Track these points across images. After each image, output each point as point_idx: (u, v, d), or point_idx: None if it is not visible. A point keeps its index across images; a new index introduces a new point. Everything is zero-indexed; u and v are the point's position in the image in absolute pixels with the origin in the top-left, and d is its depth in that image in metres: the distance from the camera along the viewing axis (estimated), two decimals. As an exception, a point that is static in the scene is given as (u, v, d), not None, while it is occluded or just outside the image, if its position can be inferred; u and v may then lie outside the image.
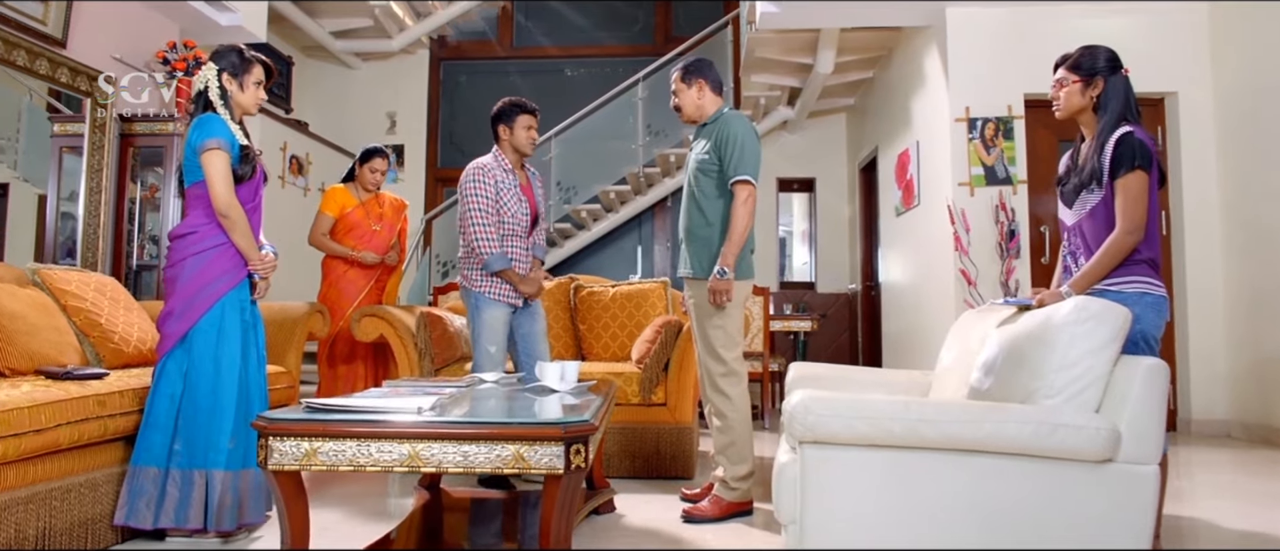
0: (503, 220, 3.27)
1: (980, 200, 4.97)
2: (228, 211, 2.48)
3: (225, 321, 2.49)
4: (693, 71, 3.05)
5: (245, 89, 2.64)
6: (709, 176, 2.95)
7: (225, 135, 2.50)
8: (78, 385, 2.43)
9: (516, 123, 3.34)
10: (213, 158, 2.46)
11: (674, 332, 3.66)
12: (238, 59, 2.63)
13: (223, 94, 2.59)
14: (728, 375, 2.88)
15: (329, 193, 4.15)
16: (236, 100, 2.63)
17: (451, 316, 3.94)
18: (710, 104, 3.06)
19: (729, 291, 2.81)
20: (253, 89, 2.66)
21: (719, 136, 2.93)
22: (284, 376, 3.44)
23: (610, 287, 4.28)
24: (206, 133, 2.48)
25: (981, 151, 4.99)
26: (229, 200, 2.48)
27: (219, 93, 2.58)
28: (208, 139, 2.47)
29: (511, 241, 3.29)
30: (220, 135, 2.48)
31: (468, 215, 3.25)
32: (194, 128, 2.51)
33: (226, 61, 2.61)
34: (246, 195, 2.58)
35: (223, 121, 2.54)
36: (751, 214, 2.85)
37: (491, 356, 3.27)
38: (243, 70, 2.63)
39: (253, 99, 2.67)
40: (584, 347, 4.21)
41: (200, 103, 2.58)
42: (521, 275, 3.29)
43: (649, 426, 3.58)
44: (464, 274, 3.36)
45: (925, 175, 5.62)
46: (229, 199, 2.48)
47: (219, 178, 2.46)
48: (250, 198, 2.60)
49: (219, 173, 2.46)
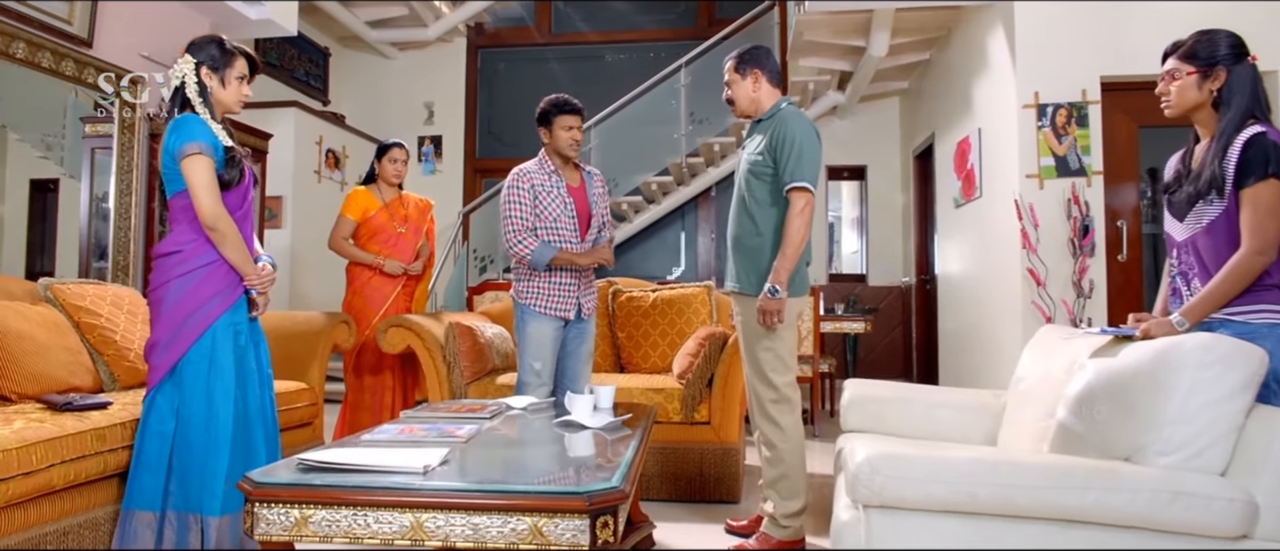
0: (544, 224, 3.05)
1: (1050, 193, 4.59)
2: (215, 223, 2.25)
3: (216, 350, 2.27)
4: (748, 61, 2.76)
5: (227, 84, 2.40)
6: (761, 180, 2.66)
7: (206, 138, 2.26)
8: (76, 418, 2.26)
9: (556, 124, 3.10)
10: (194, 164, 2.23)
11: (718, 345, 3.40)
12: (218, 51, 2.38)
13: (202, 90, 2.35)
14: (779, 402, 2.61)
15: (351, 195, 3.96)
16: (217, 97, 2.39)
17: (482, 325, 3.73)
18: (767, 97, 2.76)
19: (780, 312, 2.54)
20: (235, 84, 2.42)
21: (774, 135, 2.64)
22: (306, 393, 3.27)
23: (650, 292, 4.03)
24: (185, 136, 2.24)
25: (1052, 140, 4.60)
26: (215, 211, 2.25)
27: (197, 89, 2.34)
28: (187, 143, 2.23)
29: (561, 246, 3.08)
30: (200, 138, 2.24)
31: (505, 218, 3.06)
32: (171, 131, 2.27)
33: (205, 54, 2.37)
34: (234, 202, 2.35)
35: (202, 122, 2.30)
36: (808, 225, 2.57)
37: (536, 373, 3.05)
38: (224, 64, 2.39)
39: (236, 96, 2.43)
40: (623, 357, 3.98)
41: (177, 101, 2.35)
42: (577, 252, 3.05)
43: (691, 446, 3.34)
44: (513, 285, 3.16)
45: (988, 165, 5.24)
46: (215, 209, 2.25)
47: (202, 186, 2.23)
48: (239, 204, 2.37)
49: (202, 181, 2.23)
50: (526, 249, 2.99)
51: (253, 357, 2.40)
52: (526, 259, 3.01)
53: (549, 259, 2.99)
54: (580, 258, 3.04)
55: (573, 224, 3.10)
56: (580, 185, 3.20)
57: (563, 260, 3.02)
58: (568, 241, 3.07)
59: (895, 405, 2.87)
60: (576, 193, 3.16)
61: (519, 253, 3.01)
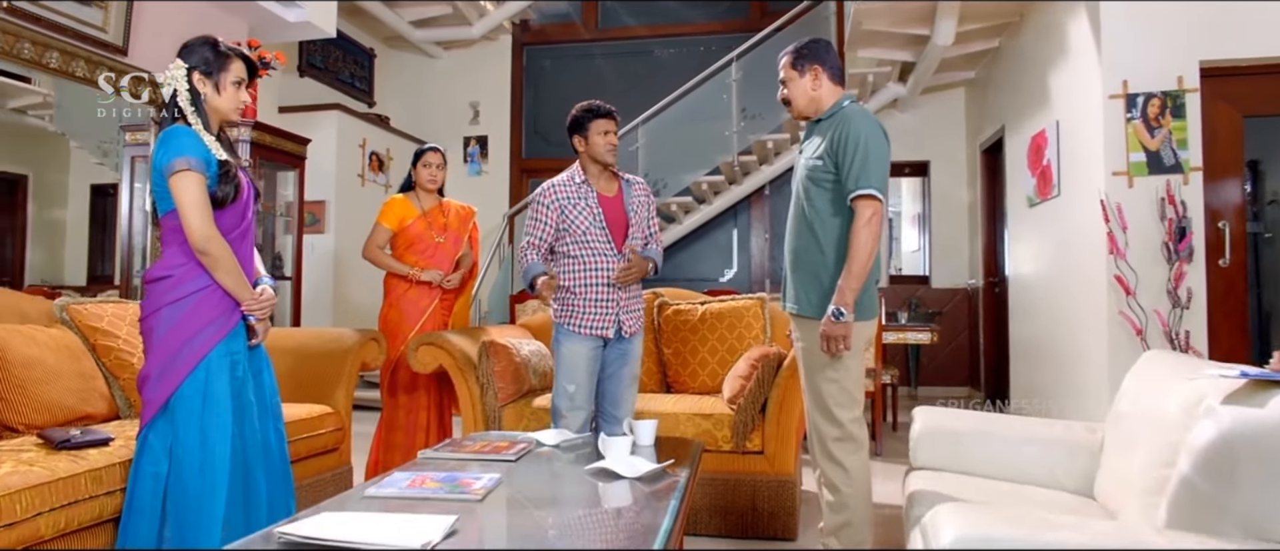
0: (573, 238, 2.85)
1: (1141, 192, 4.16)
2: (206, 246, 2.05)
3: (211, 383, 2.07)
4: (807, 56, 2.48)
5: (222, 90, 2.19)
6: (822, 187, 2.37)
7: (196, 152, 2.06)
8: (71, 458, 2.09)
9: (591, 130, 2.88)
10: (183, 181, 2.03)
11: (772, 367, 3.10)
12: (211, 54, 2.18)
13: (195, 98, 2.15)
14: (844, 440, 2.32)
15: (387, 203, 3.77)
16: (212, 105, 2.19)
17: (519, 343, 3.50)
18: (827, 95, 2.48)
19: (847, 339, 2.24)
20: (231, 90, 2.21)
21: (836, 136, 2.34)
22: (330, 418, 3.08)
23: (700, 305, 3.74)
24: (173, 150, 2.04)
25: (1143, 133, 4.16)
26: (206, 233, 2.05)
27: (190, 97, 2.14)
28: (175, 158, 2.03)
29: (593, 260, 2.86)
30: (190, 152, 2.05)
31: (523, 231, 2.94)
32: (159, 144, 2.08)
33: (197, 58, 2.16)
34: (231, 221, 2.15)
35: (193, 134, 2.10)
36: (876, 239, 2.26)
37: (569, 397, 2.84)
38: (218, 68, 2.18)
39: (232, 102, 2.23)
40: (670, 375, 3.71)
41: (170, 110, 2.15)
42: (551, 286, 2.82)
43: (743, 478, 3.05)
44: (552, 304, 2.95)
45: (1068, 161, 4.81)
46: (206, 231, 2.05)
47: (192, 206, 2.03)
48: (236, 222, 2.17)
49: (192, 200, 2.03)
50: (526, 261, 2.91)
51: (252, 388, 2.20)
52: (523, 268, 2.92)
53: (528, 278, 2.87)
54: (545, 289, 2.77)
55: (604, 235, 2.87)
56: (616, 194, 2.97)
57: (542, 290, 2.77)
58: (599, 254, 2.86)
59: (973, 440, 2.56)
60: (610, 202, 2.93)
61: (522, 264, 2.93)
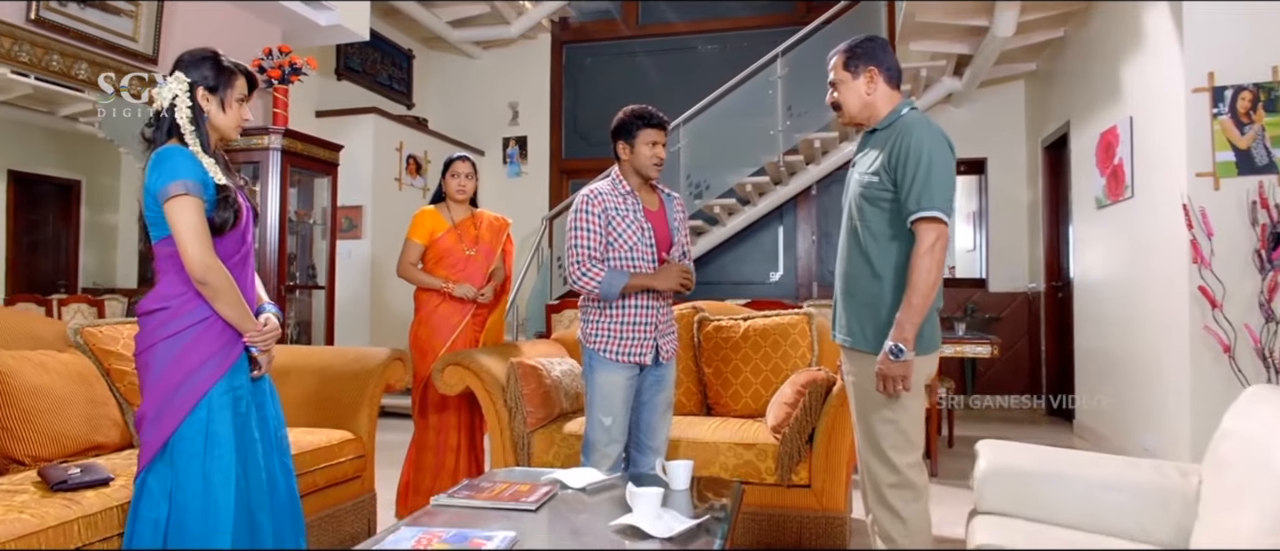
0: (618, 253, 2.64)
1: (1228, 194, 3.81)
2: (206, 276, 1.89)
3: (213, 423, 1.92)
4: (861, 56, 2.22)
5: (227, 108, 2.04)
6: (878, 207, 2.13)
7: (193, 174, 1.91)
8: (66, 501, 1.96)
9: (639, 137, 2.66)
10: (179, 207, 1.87)
11: (820, 393, 2.87)
12: (214, 70, 2.02)
13: (196, 115, 1.99)
14: (900, 487, 2.08)
15: (417, 216, 3.61)
16: (214, 123, 2.03)
17: (550, 363, 3.31)
18: (883, 101, 2.22)
19: (906, 379, 2.00)
20: (236, 107, 2.06)
21: (895, 149, 2.10)
22: (351, 445, 2.93)
23: (742, 321, 3.51)
24: (168, 174, 1.89)
25: (1232, 130, 3.81)
26: (205, 262, 1.89)
27: (190, 115, 1.98)
28: (170, 182, 1.88)
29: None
30: (186, 175, 1.89)
31: (569, 247, 2.65)
32: (151, 166, 1.92)
33: (199, 73, 2.00)
34: (231, 246, 2.00)
35: (188, 156, 1.94)
36: (940, 265, 2.02)
37: (606, 430, 2.63)
38: (223, 84, 2.03)
39: (235, 120, 2.07)
40: (710, 396, 3.49)
41: (163, 127, 1.99)
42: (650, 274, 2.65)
43: (789, 513, 2.82)
44: (580, 327, 2.75)
45: (1142, 159, 4.46)
46: (206, 260, 1.89)
47: (189, 233, 1.88)
48: (236, 248, 2.02)
49: (189, 226, 1.88)
50: (593, 280, 2.58)
51: (256, 423, 2.04)
52: (594, 291, 2.59)
53: (621, 287, 2.58)
54: (657, 279, 2.61)
55: (651, 253, 2.67)
56: (659, 208, 2.77)
57: (638, 285, 2.60)
58: (645, 270, 2.66)
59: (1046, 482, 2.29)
60: (655, 217, 2.72)
61: (585, 285, 2.60)
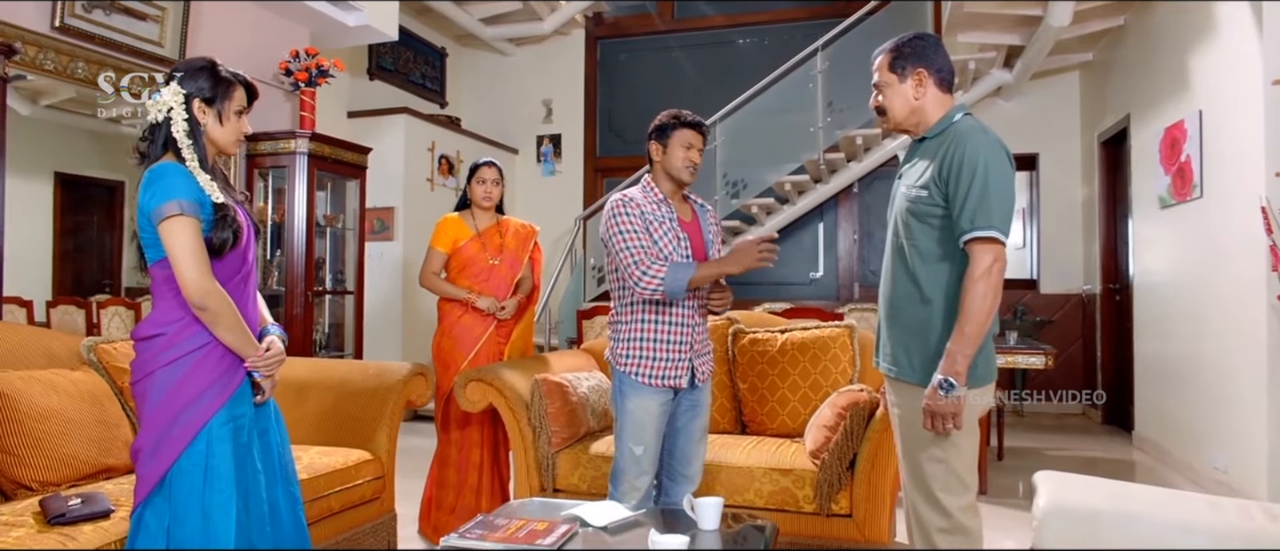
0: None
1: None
2: (204, 301, 1.78)
3: (213, 455, 1.80)
4: (909, 56, 2.01)
5: (225, 120, 1.92)
6: (927, 224, 1.94)
7: (188, 193, 1.79)
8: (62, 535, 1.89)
9: (672, 140, 2.48)
10: (174, 229, 1.76)
11: (862, 417, 2.68)
12: (211, 81, 1.90)
13: (193, 129, 1.87)
14: (951, 533, 1.89)
15: (440, 224, 3.49)
16: (211, 136, 1.91)
17: (577, 378, 3.17)
18: (933, 106, 2.01)
19: (957, 416, 1.81)
20: (234, 121, 1.94)
21: (947, 159, 1.90)
22: (369, 466, 2.82)
23: (779, 333, 3.33)
24: (162, 193, 1.77)
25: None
26: (203, 286, 1.78)
27: (187, 128, 1.86)
28: (164, 202, 1.76)
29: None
30: (180, 195, 1.78)
31: (618, 252, 2.41)
32: (145, 184, 1.81)
33: (195, 84, 1.88)
34: (231, 267, 1.88)
35: (183, 173, 1.82)
36: (997, 291, 1.82)
37: (636, 460, 2.46)
38: (221, 96, 1.91)
39: (233, 134, 1.95)
40: (745, 413, 3.31)
41: (158, 141, 1.87)
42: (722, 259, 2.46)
43: (828, 546, 2.64)
44: (609, 347, 2.57)
45: (1214, 157, 4.17)
46: (204, 284, 1.78)
47: (186, 255, 1.76)
48: (236, 269, 1.90)
49: (185, 248, 1.76)
50: (656, 278, 2.33)
51: (258, 452, 1.92)
52: (660, 290, 2.34)
53: (688, 280, 2.34)
54: (729, 262, 2.39)
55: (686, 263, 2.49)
56: (693, 218, 2.59)
57: (708, 275, 2.38)
58: None
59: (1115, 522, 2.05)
60: (690, 227, 2.55)
61: (648, 285, 2.34)
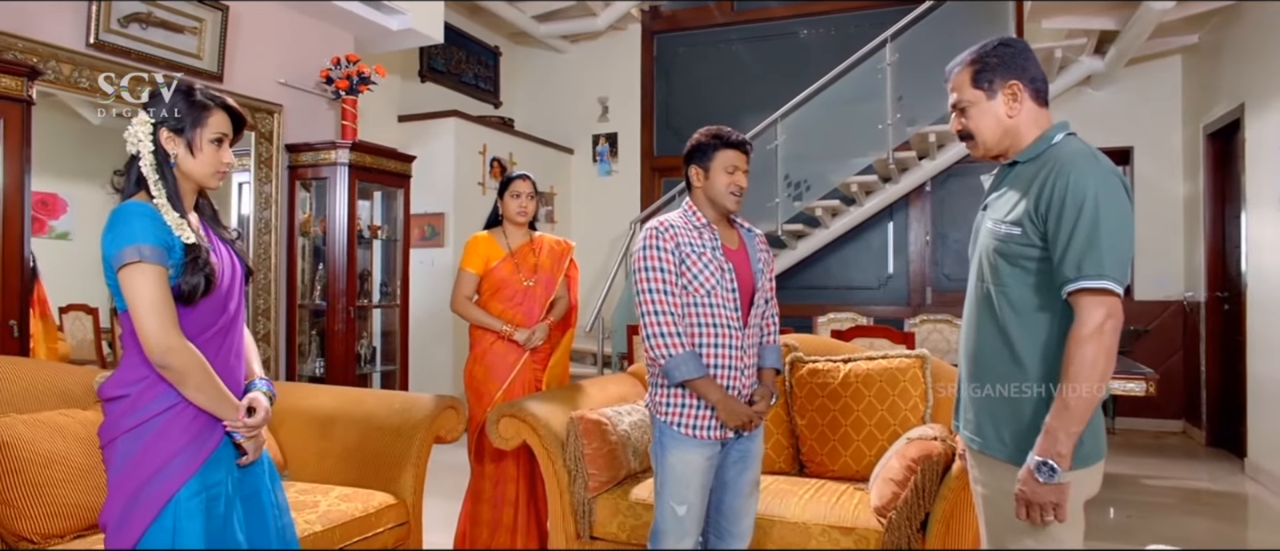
0: (694, 298, 2.17)
1: None
2: (166, 359, 1.57)
3: (180, 532, 1.59)
4: (997, 66, 1.66)
5: (197, 150, 1.69)
6: (1019, 267, 1.59)
7: (151, 237, 1.58)
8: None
9: (714, 163, 2.21)
10: (132, 277, 1.56)
11: (936, 471, 2.35)
12: (184, 105, 1.68)
13: (161, 162, 1.66)
14: (1045, 644, 1.56)
15: (470, 243, 3.27)
16: (184, 169, 1.70)
17: (618, 414, 2.91)
18: (1029, 124, 1.66)
19: (1060, 506, 1.48)
20: (209, 150, 1.70)
21: (1047, 190, 1.55)
22: (392, 511, 2.62)
23: (842, 363, 3.01)
24: (122, 238, 1.57)
25: None
26: (166, 343, 1.57)
27: (154, 161, 1.65)
28: (123, 248, 1.56)
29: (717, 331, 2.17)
30: (140, 239, 1.56)
31: (641, 295, 2.17)
32: (107, 227, 1.61)
33: (162, 110, 1.67)
34: (207, 317, 1.67)
35: (149, 213, 1.61)
36: (1112, 355, 1.47)
37: (679, 520, 2.18)
38: (192, 122, 1.68)
39: (210, 166, 1.72)
40: (804, 453, 3.00)
41: (131, 177, 1.67)
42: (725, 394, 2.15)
43: (897, 618, 2.33)
44: (649, 392, 2.30)
45: (1345, 157, 3.65)
46: (166, 341, 1.57)
47: (146, 308, 1.56)
48: (215, 317, 1.69)
49: (144, 300, 1.56)
50: (667, 350, 2.11)
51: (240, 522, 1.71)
52: (662, 362, 2.13)
53: (684, 380, 2.12)
54: (722, 407, 2.14)
55: (733, 299, 2.20)
56: (739, 246, 2.30)
57: (709, 393, 2.13)
58: (724, 323, 2.17)
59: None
60: (735, 256, 2.26)
61: (656, 350, 2.13)
